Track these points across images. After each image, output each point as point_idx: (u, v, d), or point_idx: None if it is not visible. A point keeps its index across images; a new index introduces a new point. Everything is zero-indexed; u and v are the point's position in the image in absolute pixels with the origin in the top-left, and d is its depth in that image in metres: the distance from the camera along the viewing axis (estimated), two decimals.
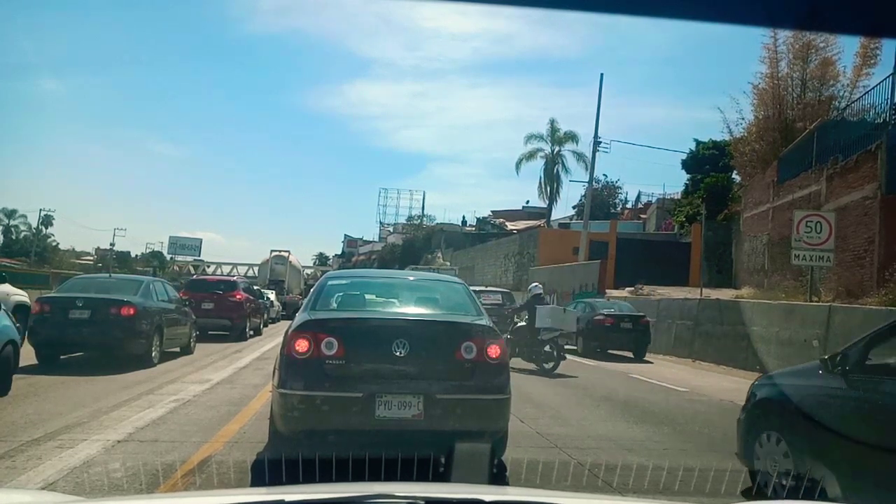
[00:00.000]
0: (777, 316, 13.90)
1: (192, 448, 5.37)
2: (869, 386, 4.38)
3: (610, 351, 17.54)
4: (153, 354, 10.95)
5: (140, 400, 7.56)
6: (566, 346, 18.57)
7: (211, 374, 10.17)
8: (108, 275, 13.44)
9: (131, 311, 10.49)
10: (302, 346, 4.99)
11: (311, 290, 6.42)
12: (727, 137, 27.31)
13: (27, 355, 10.33)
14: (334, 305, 5.86)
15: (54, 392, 7.93)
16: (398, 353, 4.98)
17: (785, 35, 21.65)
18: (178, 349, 12.79)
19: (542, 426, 7.06)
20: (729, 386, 11.61)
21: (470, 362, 5.10)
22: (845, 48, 21.53)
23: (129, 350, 10.55)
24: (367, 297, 6.22)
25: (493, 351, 5.18)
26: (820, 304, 13.47)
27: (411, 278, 7.36)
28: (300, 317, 5.53)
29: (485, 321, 5.51)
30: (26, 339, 10.60)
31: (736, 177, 30.47)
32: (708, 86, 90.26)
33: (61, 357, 10.76)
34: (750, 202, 22.77)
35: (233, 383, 9.38)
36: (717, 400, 10.06)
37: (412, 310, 5.95)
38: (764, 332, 13.98)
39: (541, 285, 14.89)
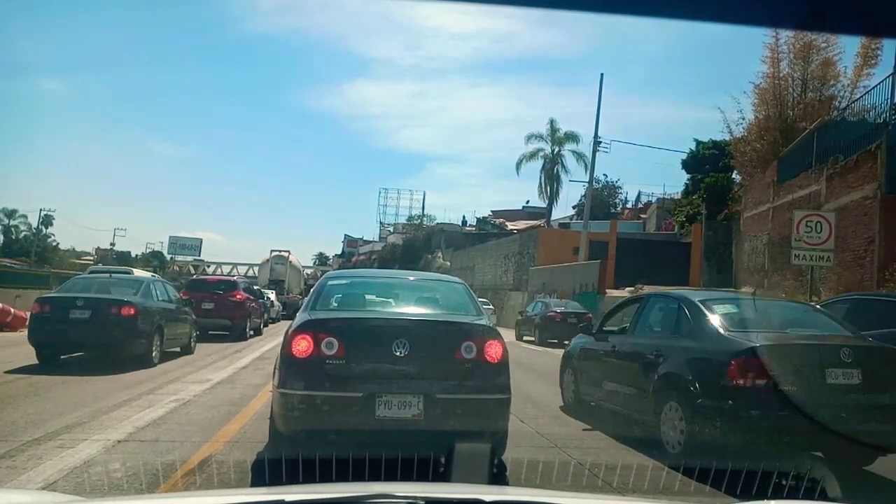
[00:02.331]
0: None
1: (193, 448, 5.37)
2: (602, 340, 7.94)
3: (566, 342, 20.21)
4: (153, 354, 10.94)
5: (140, 400, 7.56)
6: (526, 337, 21.63)
7: (211, 374, 10.17)
8: (108, 275, 13.40)
9: (131, 311, 10.48)
10: (302, 345, 5.00)
11: (312, 290, 6.43)
12: (727, 137, 27.28)
13: (28, 355, 10.37)
14: (334, 305, 5.88)
15: (54, 392, 7.93)
16: (398, 353, 4.99)
17: (786, 35, 21.64)
18: (178, 349, 12.79)
19: (542, 426, 7.07)
20: None
21: (470, 362, 5.11)
22: (846, 48, 21.52)
23: (130, 350, 10.54)
24: (368, 297, 6.24)
25: (494, 351, 5.19)
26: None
27: (411, 278, 7.38)
28: (300, 317, 5.54)
29: (485, 321, 5.55)
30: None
31: (736, 177, 30.48)
32: (708, 86, 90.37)
33: (62, 357, 10.76)
34: (750, 202, 22.75)
35: (233, 383, 9.38)
36: None
37: (412, 310, 5.94)
38: None
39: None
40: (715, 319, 6.19)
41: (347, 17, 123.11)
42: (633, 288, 24.16)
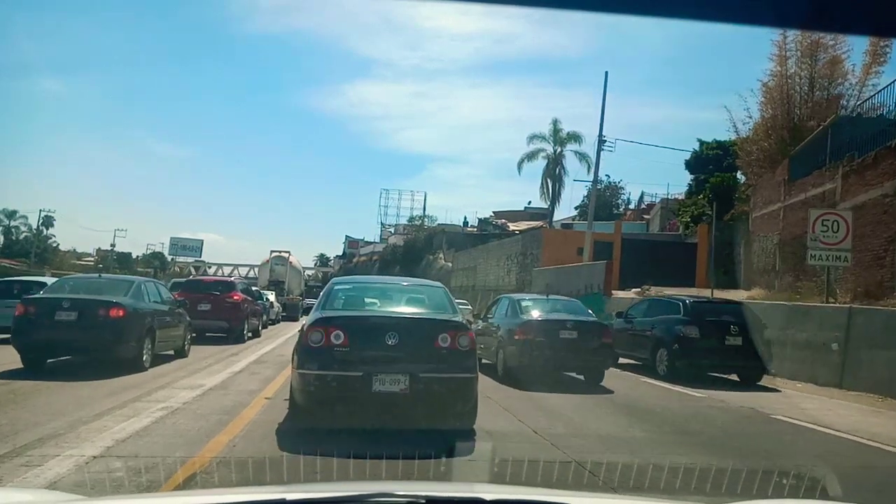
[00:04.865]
0: (793, 318, 13.40)
1: (175, 465, 4.84)
2: (484, 322, 12.91)
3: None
4: (144, 358, 10.43)
5: (125, 408, 7.06)
6: None
7: (204, 379, 9.66)
8: (97, 275, 12.92)
9: (120, 313, 9.96)
10: (316, 336, 6.26)
11: (322, 292, 7.74)
12: (733, 137, 26.94)
13: (14, 358, 9.87)
14: (340, 305, 7.18)
15: (35, 399, 7.45)
16: (390, 343, 6.27)
17: (794, 33, 21.30)
18: (172, 352, 12.32)
19: (542, 426, 7.04)
20: (741, 391, 11.16)
21: (445, 349, 6.34)
22: (854, 46, 21.26)
23: (119, 354, 10.03)
24: (367, 299, 7.50)
25: (463, 341, 6.45)
26: (839, 305, 12.96)
27: (404, 283, 8.75)
28: (314, 314, 6.82)
29: (458, 318, 6.87)
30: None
31: (740, 177, 30.10)
32: (708, 86, 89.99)
33: (49, 361, 10.25)
34: (759, 201, 22.26)
35: (226, 389, 8.88)
36: (719, 402, 9.91)
37: (402, 309, 7.21)
38: (779, 335, 13.46)
39: None
40: (521, 308, 12.05)
41: (348, 18, 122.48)
42: (639, 289, 23.68)
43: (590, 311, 13.02)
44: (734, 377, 12.41)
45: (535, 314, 11.70)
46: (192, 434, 5.92)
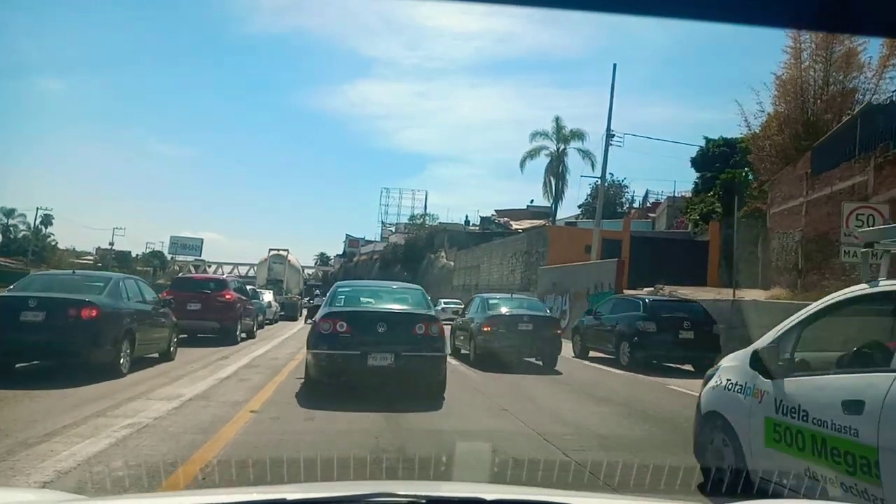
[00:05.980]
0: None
1: None
2: (462, 318, 15.30)
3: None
4: (121, 363, 9.46)
5: (85, 425, 6.06)
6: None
7: (185, 388, 8.66)
8: (71, 271, 11.93)
9: (93, 314, 8.96)
10: (326, 326, 8.33)
11: (328, 293, 10.04)
12: (744, 132, 26.16)
13: None
14: (343, 303, 9.11)
15: None
16: (380, 330, 8.28)
17: None
18: (156, 354, 11.37)
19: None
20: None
21: (420, 335, 8.35)
22: (871, 38, 20.46)
23: (91, 358, 9.02)
24: (363, 298, 9.46)
25: (434, 329, 8.50)
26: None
27: (393, 286, 10.67)
28: (323, 310, 8.96)
29: (431, 312, 9.11)
30: None
31: (750, 174, 29.21)
32: (711, 86, 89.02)
33: (17, 365, 9.27)
34: (778, 197, 21.22)
35: (208, 399, 7.87)
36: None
37: (389, 306, 9.14)
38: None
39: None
40: (489, 305, 14.16)
41: (349, 17, 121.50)
42: (652, 288, 22.69)
43: (547, 309, 16.27)
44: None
45: (500, 310, 13.89)
46: (155, 461, 4.86)
